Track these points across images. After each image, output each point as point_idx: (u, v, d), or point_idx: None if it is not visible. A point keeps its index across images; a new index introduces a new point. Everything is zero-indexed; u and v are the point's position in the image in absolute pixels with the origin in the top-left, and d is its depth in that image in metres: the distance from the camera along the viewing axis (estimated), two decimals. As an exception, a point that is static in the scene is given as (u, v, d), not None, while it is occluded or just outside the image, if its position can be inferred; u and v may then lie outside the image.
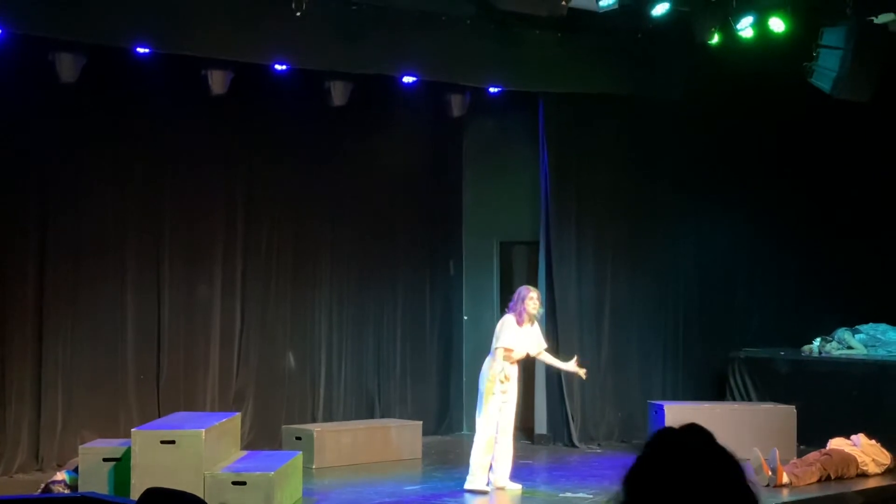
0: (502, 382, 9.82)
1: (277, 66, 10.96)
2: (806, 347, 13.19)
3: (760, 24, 11.16)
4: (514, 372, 9.99)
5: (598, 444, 12.59)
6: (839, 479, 10.41)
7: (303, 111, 12.05)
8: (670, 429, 2.32)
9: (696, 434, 2.31)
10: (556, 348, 12.50)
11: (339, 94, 11.19)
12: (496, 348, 9.86)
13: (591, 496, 9.86)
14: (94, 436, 10.45)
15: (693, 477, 2.22)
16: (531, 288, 10.22)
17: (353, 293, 12.77)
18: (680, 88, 12.53)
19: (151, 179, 11.49)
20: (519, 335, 9.92)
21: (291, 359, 12.30)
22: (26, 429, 10.57)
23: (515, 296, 10.08)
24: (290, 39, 10.48)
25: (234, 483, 8.68)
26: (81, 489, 8.81)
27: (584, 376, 10.37)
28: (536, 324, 10.11)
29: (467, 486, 9.95)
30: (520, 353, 9.97)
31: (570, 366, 10.21)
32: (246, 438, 11.24)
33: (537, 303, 9.98)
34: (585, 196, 12.91)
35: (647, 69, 12.36)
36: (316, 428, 11.44)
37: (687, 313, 13.57)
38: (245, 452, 9.86)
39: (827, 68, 10.93)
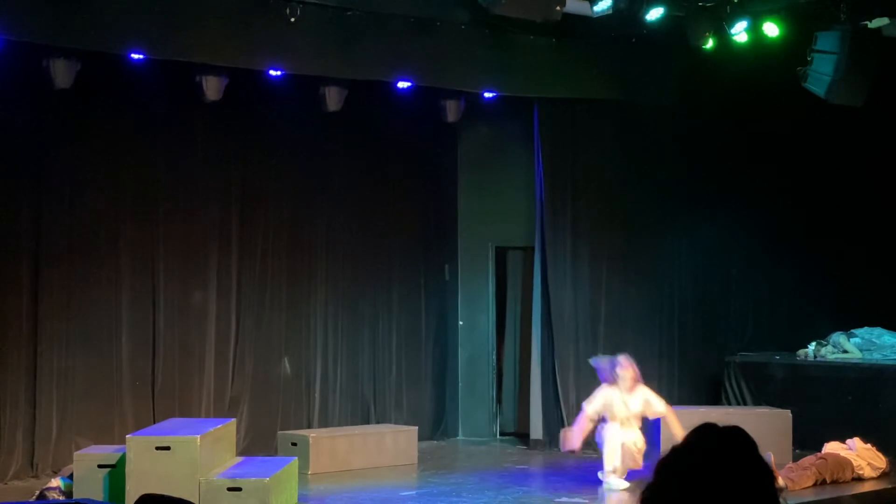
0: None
1: (272, 72, 10.96)
2: (801, 351, 13.19)
3: (754, 29, 11.16)
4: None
5: (594, 449, 12.56)
6: (834, 482, 10.42)
7: (297, 117, 12.05)
8: (713, 426, 2.29)
9: (738, 438, 2.28)
10: (551, 354, 12.55)
11: (333, 99, 11.17)
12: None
13: (586, 501, 9.86)
14: (88, 442, 10.44)
15: (725, 479, 2.19)
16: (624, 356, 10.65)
17: (349, 298, 12.76)
18: (674, 93, 12.55)
19: (146, 186, 11.48)
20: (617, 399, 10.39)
21: (287, 364, 12.28)
22: (21, 435, 10.56)
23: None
24: (285, 45, 10.48)
25: (230, 489, 8.66)
26: (76, 496, 8.81)
27: None
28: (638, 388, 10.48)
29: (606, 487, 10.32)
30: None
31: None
32: (241, 444, 11.22)
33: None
34: (580, 201, 12.91)
35: (642, 74, 12.37)
36: (311, 433, 11.43)
37: (682, 318, 13.56)
38: (240, 458, 9.84)
39: (821, 73, 10.95)
